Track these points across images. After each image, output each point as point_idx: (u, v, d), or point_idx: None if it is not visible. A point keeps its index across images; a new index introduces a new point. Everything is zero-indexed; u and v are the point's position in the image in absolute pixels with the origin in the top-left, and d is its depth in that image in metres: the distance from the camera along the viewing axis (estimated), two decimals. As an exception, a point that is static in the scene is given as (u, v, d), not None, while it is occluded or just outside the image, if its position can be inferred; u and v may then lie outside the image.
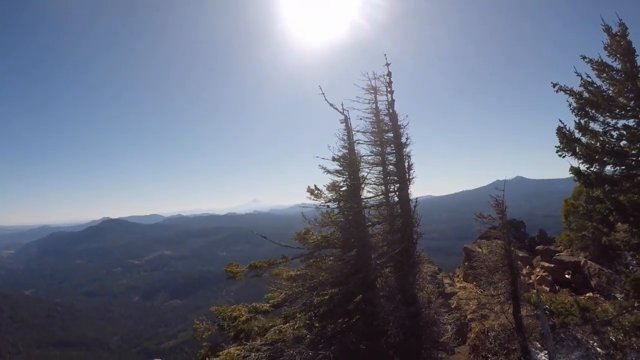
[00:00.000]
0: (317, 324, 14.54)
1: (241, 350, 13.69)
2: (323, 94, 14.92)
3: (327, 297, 14.82)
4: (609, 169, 16.20)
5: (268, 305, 15.78)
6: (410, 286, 14.67)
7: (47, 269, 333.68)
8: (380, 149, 15.98)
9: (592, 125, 16.29)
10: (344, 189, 14.84)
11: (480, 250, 20.90)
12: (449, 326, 16.67)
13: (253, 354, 13.11)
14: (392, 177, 16.04)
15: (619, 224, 18.23)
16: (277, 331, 14.50)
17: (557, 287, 26.00)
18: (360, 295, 15.19)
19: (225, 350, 14.01)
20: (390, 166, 16.08)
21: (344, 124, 15.44)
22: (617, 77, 15.63)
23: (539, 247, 34.05)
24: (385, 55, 15.96)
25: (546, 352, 16.11)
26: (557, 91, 16.54)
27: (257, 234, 16.36)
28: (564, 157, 16.41)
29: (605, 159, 15.81)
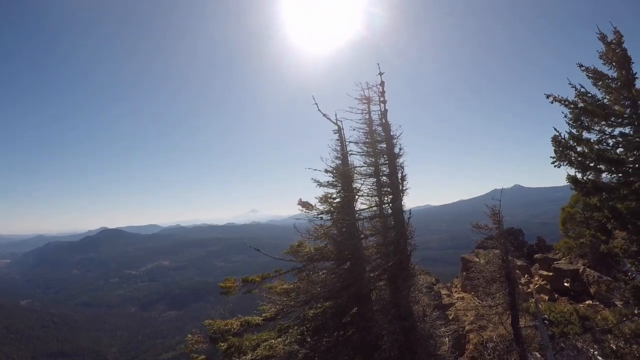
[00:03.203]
0: (309, 339, 14.26)
1: (230, 366, 13.40)
2: (316, 104, 14.74)
3: (320, 310, 14.59)
4: (605, 176, 16.09)
5: (260, 319, 15.48)
6: (404, 299, 14.37)
7: (43, 279, 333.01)
8: (373, 159, 15.71)
9: (587, 134, 16.20)
10: (337, 200, 14.62)
11: (477, 260, 20.71)
12: (446, 339, 16.42)
13: (243, 371, 12.82)
14: (385, 189, 15.77)
15: (617, 231, 18.11)
16: (268, 346, 14.18)
17: (556, 296, 25.84)
18: (354, 309, 14.93)
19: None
20: (384, 177, 15.82)
21: (337, 134, 15.24)
22: (613, 85, 15.53)
23: (537, 255, 33.98)
24: (378, 64, 15.77)
25: (546, 363, 15.89)
26: (552, 102, 16.44)
27: (250, 246, 16.14)
28: (559, 166, 16.31)
29: (601, 166, 15.69)
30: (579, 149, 16.08)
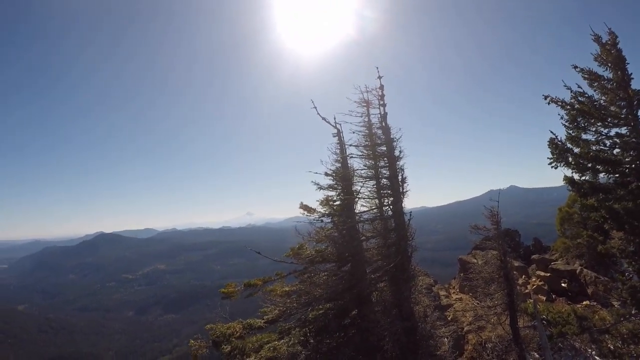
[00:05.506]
0: (312, 340, 14.35)
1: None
2: (315, 107, 14.85)
3: (322, 312, 14.67)
4: (602, 176, 16.21)
5: (262, 321, 15.56)
6: (405, 300, 14.49)
7: (40, 284, 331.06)
8: (373, 162, 15.81)
9: (584, 135, 16.31)
10: (337, 203, 14.70)
11: (475, 261, 20.81)
12: (445, 339, 16.50)
13: (247, 373, 12.90)
14: (385, 191, 15.86)
15: (614, 231, 18.25)
16: (271, 348, 14.25)
17: (553, 296, 25.96)
18: (356, 310, 15.02)
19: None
20: (384, 180, 15.90)
21: (337, 137, 15.33)
22: (609, 86, 15.66)
23: (534, 256, 34.03)
24: (377, 68, 15.85)
25: (544, 362, 16.00)
26: (548, 103, 16.59)
27: (250, 249, 16.18)
28: (556, 168, 16.40)
29: (598, 167, 15.81)
30: (575, 150, 16.21)
